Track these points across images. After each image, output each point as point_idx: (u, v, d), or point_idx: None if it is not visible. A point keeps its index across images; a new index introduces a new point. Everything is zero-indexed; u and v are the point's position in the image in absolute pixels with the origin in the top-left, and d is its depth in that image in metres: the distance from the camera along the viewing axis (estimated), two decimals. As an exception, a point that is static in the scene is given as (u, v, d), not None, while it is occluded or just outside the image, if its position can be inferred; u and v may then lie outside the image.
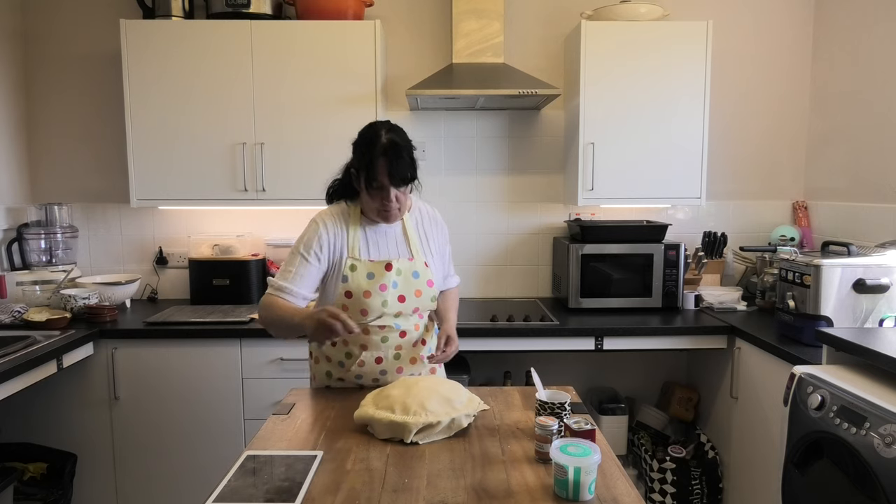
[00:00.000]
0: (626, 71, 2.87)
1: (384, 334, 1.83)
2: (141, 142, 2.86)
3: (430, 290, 1.86)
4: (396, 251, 1.86)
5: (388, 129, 1.75)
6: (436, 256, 1.92)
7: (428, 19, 3.19)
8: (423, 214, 1.94)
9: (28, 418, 2.71)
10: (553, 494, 1.29)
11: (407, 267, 1.83)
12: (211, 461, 2.71)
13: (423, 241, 1.91)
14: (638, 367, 3.34)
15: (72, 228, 3.16)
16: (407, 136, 1.78)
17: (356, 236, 1.83)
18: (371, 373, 1.86)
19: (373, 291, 1.78)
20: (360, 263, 1.79)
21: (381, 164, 1.69)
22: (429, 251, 1.90)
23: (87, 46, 3.16)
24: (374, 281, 1.78)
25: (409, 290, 1.83)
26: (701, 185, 2.94)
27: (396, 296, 1.81)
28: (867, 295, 2.22)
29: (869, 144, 2.83)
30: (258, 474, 1.38)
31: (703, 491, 2.82)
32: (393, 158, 1.69)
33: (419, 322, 1.89)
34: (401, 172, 1.70)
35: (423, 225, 1.93)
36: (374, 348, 1.83)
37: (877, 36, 2.78)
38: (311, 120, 2.87)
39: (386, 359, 1.85)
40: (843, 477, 1.66)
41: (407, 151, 1.72)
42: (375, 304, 1.78)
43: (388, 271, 1.79)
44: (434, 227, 1.95)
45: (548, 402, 1.54)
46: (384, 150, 1.69)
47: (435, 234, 1.94)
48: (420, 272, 1.84)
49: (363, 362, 1.84)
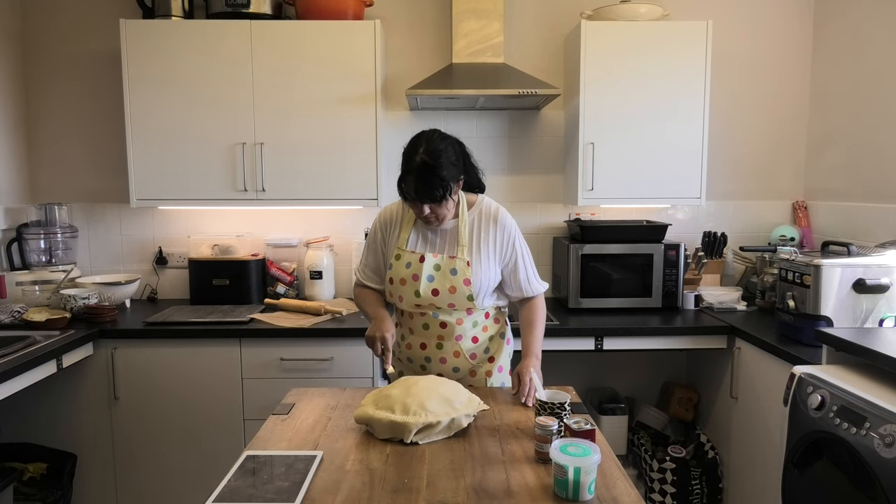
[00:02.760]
0: (626, 71, 2.87)
1: (425, 321, 1.92)
2: (141, 142, 2.86)
3: (466, 288, 1.86)
4: (443, 247, 1.90)
5: (428, 145, 1.77)
6: (490, 258, 1.91)
7: (428, 19, 3.19)
8: (482, 214, 1.93)
9: (28, 418, 2.70)
10: (553, 494, 1.29)
11: (446, 263, 1.87)
12: (211, 461, 2.71)
13: (475, 240, 1.90)
14: (638, 367, 3.34)
15: (71, 228, 3.16)
16: (450, 153, 1.79)
17: (409, 229, 1.93)
18: (418, 358, 1.96)
19: (407, 280, 1.88)
20: (404, 253, 1.91)
21: (410, 181, 1.77)
22: (477, 251, 1.89)
23: (87, 46, 3.16)
24: (410, 270, 1.88)
25: (444, 285, 1.86)
26: (701, 185, 2.94)
27: (430, 289, 1.86)
28: (867, 295, 2.22)
29: (869, 144, 2.83)
30: (258, 474, 1.38)
31: (703, 491, 2.82)
32: (421, 178, 1.75)
33: (463, 317, 1.91)
34: (428, 193, 1.76)
35: (479, 226, 1.92)
36: (419, 334, 1.95)
37: (877, 36, 2.78)
38: (312, 120, 2.87)
39: (429, 346, 1.94)
40: (843, 477, 1.66)
41: (440, 171, 1.74)
42: (409, 292, 1.88)
43: (421, 263, 1.87)
44: (491, 227, 1.92)
45: (548, 402, 1.54)
46: (414, 170, 1.76)
47: (491, 234, 1.91)
48: (459, 270, 1.86)
49: (410, 345, 1.97)
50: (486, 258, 1.90)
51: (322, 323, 2.71)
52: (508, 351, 2.04)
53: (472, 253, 1.89)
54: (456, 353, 1.93)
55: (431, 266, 1.87)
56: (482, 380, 1.97)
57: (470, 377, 1.97)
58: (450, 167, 1.77)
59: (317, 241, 3.17)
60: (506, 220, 1.94)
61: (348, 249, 3.21)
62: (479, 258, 1.89)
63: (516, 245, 1.94)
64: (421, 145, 1.78)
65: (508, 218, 1.95)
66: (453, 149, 1.82)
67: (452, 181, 1.78)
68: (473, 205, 1.94)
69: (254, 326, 2.65)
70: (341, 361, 2.65)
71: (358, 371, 2.66)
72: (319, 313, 2.82)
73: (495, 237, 1.92)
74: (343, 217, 3.25)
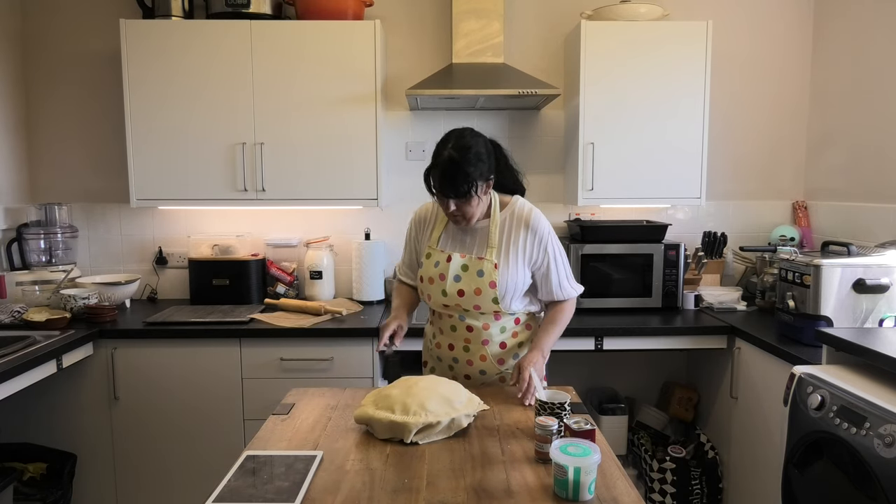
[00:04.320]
0: (625, 71, 2.87)
1: (452, 323, 1.93)
2: (141, 142, 2.86)
3: (492, 290, 1.84)
4: (471, 248, 1.89)
5: (457, 140, 1.77)
6: (520, 261, 1.87)
7: (428, 19, 3.19)
8: (514, 216, 1.89)
9: (28, 418, 2.70)
10: (553, 494, 1.29)
11: (474, 264, 1.86)
12: (211, 461, 2.71)
13: (504, 242, 1.87)
14: (638, 367, 3.34)
15: (71, 228, 3.16)
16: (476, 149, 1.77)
17: (440, 230, 1.95)
18: (446, 357, 1.98)
19: (435, 279, 1.90)
20: (434, 252, 1.93)
21: (436, 176, 1.77)
22: (506, 253, 1.86)
23: (87, 46, 3.16)
24: (438, 269, 1.89)
25: (470, 286, 1.86)
26: (701, 185, 2.94)
27: (456, 289, 1.87)
28: (867, 295, 2.22)
29: (869, 144, 2.83)
30: (258, 474, 1.38)
31: (703, 491, 2.82)
32: (446, 174, 1.75)
33: (490, 322, 1.90)
34: (453, 188, 1.75)
35: (510, 228, 1.88)
36: (447, 335, 1.96)
37: (876, 36, 2.78)
38: (311, 120, 2.87)
39: (456, 348, 1.95)
40: (843, 477, 1.66)
41: (465, 167, 1.73)
42: (436, 291, 1.90)
43: (448, 262, 1.88)
44: (522, 230, 1.87)
45: (548, 402, 1.54)
46: (441, 164, 1.76)
47: (521, 237, 1.87)
48: (486, 271, 1.84)
49: (440, 344, 1.98)
50: (515, 261, 1.86)
51: (322, 323, 2.71)
52: None
53: (500, 255, 1.86)
54: (482, 357, 1.92)
55: (458, 266, 1.87)
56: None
57: (500, 383, 1.94)
58: (478, 164, 1.75)
59: (317, 241, 3.18)
60: (538, 222, 1.88)
61: (348, 249, 3.21)
62: (508, 261, 1.86)
63: (549, 249, 1.89)
64: (451, 140, 1.78)
65: (542, 220, 1.90)
66: (485, 147, 1.80)
67: (480, 179, 1.76)
68: (506, 206, 1.91)
69: (254, 326, 2.65)
70: (341, 361, 2.65)
71: (358, 371, 2.66)
72: (319, 313, 2.82)
73: (525, 240, 1.87)
74: (343, 217, 3.25)
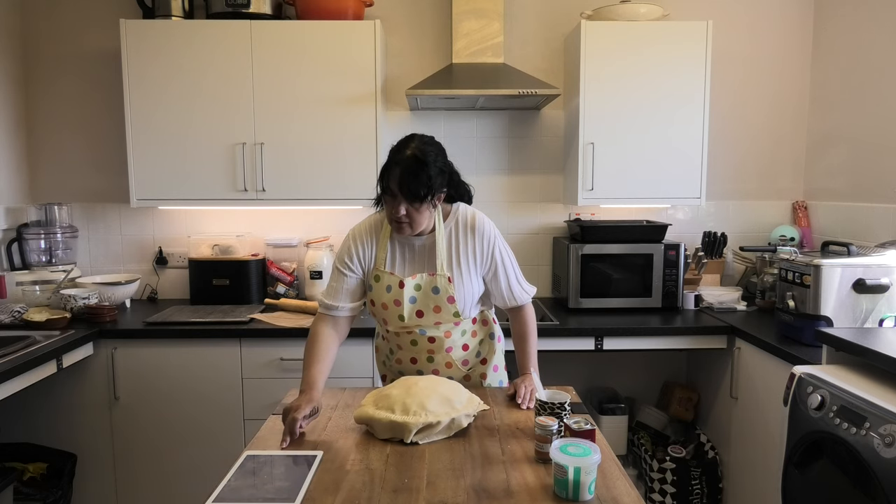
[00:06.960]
0: (625, 71, 2.87)
1: (412, 338, 1.85)
2: (141, 142, 2.86)
3: (451, 306, 1.78)
4: (421, 265, 1.80)
5: (421, 144, 1.69)
6: (472, 269, 1.81)
7: (428, 19, 3.19)
8: (459, 225, 1.81)
9: (28, 418, 2.70)
10: (553, 494, 1.29)
11: (427, 282, 1.78)
12: (211, 461, 2.71)
13: (453, 254, 1.80)
14: (638, 367, 3.34)
15: (71, 228, 3.16)
16: (440, 157, 1.70)
17: (384, 248, 1.81)
18: (409, 371, 1.92)
19: (389, 304, 1.80)
20: (383, 275, 1.80)
21: (395, 172, 1.66)
22: (458, 264, 1.79)
23: (87, 46, 3.16)
24: (391, 294, 1.79)
25: (428, 305, 1.78)
26: (701, 184, 2.94)
27: (414, 311, 1.79)
28: (867, 295, 2.22)
29: (869, 144, 2.83)
30: (258, 474, 1.38)
31: (703, 491, 2.82)
32: (409, 171, 1.64)
33: (451, 329, 1.84)
34: (413, 187, 1.64)
35: (456, 237, 1.81)
36: (407, 349, 1.88)
37: (876, 36, 2.78)
38: (311, 120, 2.87)
39: (420, 360, 1.89)
40: (843, 477, 1.66)
41: (429, 169, 1.64)
42: (392, 316, 1.82)
43: (402, 288, 1.77)
44: (469, 237, 1.80)
45: (548, 402, 1.54)
46: (403, 161, 1.65)
47: (471, 245, 1.80)
48: (441, 288, 1.77)
49: (400, 360, 1.91)
50: (468, 270, 1.80)
51: (322, 323, 2.71)
52: (500, 349, 2.00)
53: (451, 267, 1.79)
54: (448, 364, 1.89)
55: (412, 288, 1.78)
56: (477, 382, 1.95)
57: (465, 382, 1.94)
58: (438, 171, 1.68)
59: (317, 241, 3.18)
60: (484, 226, 1.81)
61: (348, 249, 3.21)
62: (461, 272, 1.79)
63: (496, 253, 1.82)
64: (413, 141, 1.70)
65: (487, 224, 1.82)
66: (443, 159, 1.72)
67: (437, 188, 1.68)
68: (449, 214, 1.82)
69: (254, 326, 2.65)
70: (341, 361, 2.64)
71: (358, 371, 2.66)
72: (319, 313, 2.82)
73: (474, 247, 1.80)
74: (343, 217, 3.25)
